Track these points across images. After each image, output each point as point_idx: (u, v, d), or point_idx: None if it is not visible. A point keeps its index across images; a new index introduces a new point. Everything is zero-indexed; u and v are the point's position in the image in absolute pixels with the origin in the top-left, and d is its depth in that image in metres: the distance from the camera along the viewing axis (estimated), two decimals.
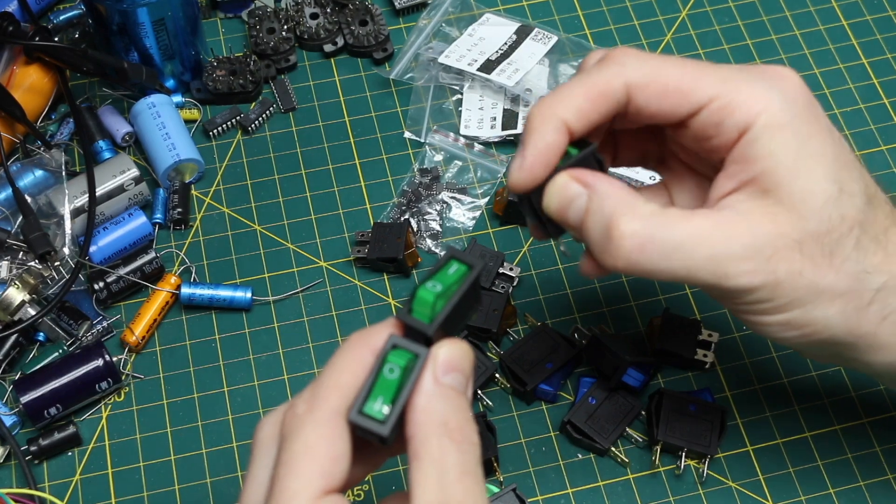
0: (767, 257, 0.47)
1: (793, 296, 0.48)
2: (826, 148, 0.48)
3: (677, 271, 0.48)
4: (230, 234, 0.73)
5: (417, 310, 0.43)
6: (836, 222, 0.48)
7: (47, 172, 0.72)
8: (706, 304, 0.70)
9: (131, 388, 0.67)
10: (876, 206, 0.49)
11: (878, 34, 0.82)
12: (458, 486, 0.40)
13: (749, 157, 0.48)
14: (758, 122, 0.48)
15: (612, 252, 0.48)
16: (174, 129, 0.74)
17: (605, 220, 0.48)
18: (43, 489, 0.64)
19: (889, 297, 0.49)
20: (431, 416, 0.41)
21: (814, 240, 0.47)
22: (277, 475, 0.41)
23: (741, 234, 0.47)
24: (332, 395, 0.42)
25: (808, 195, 0.47)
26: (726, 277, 0.48)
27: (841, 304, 0.48)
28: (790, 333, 0.50)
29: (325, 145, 0.77)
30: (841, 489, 0.63)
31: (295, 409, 0.42)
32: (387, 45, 0.80)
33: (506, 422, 0.66)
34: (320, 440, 0.41)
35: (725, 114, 0.48)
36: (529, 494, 0.63)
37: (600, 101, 0.49)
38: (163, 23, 0.72)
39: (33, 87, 0.74)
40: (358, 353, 0.43)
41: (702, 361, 0.66)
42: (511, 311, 0.68)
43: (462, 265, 0.44)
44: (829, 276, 0.48)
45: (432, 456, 0.41)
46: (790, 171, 0.47)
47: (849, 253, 0.48)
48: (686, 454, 0.63)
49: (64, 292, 0.67)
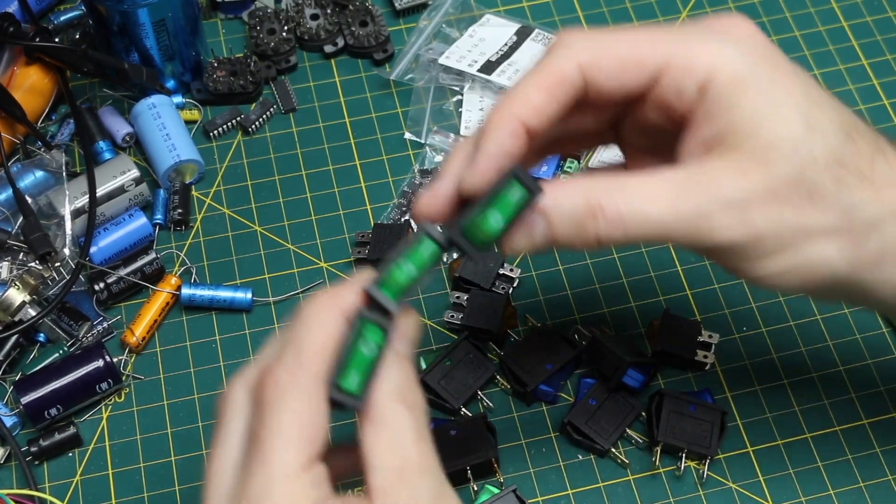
0: (740, 209, 0.46)
1: (779, 241, 0.47)
2: (791, 90, 0.47)
3: (649, 235, 0.47)
4: (230, 234, 0.73)
5: (388, 287, 0.43)
6: (809, 163, 0.46)
7: (48, 173, 0.72)
8: (707, 305, 0.70)
9: (132, 388, 0.67)
10: (856, 139, 0.48)
11: (879, 35, 0.82)
12: (415, 450, 0.41)
13: (711, 115, 0.47)
14: (716, 78, 0.46)
15: (585, 238, 0.47)
16: (174, 130, 0.74)
17: (575, 219, 0.46)
18: (43, 490, 0.64)
19: (886, 228, 0.48)
20: (387, 384, 0.42)
21: (787, 184, 0.46)
22: (261, 443, 0.41)
23: (709, 189, 0.46)
24: (316, 362, 0.42)
25: (776, 142, 0.46)
26: (700, 235, 0.46)
27: (835, 241, 0.47)
28: (791, 280, 0.48)
29: (326, 146, 0.77)
30: (841, 490, 0.63)
31: (276, 376, 0.42)
32: (387, 46, 0.80)
33: (506, 423, 0.66)
34: (307, 409, 0.41)
35: (684, 77, 0.47)
36: (530, 496, 0.63)
37: (556, 90, 0.47)
38: (163, 23, 0.72)
39: (34, 87, 0.74)
40: (331, 318, 0.43)
41: (702, 362, 0.66)
42: (511, 312, 0.68)
43: (435, 245, 0.44)
44: (814, 215, 0.47)
45: (388, 421, 0.42)
46: (753, 121, 0.46)
47: (830, 190, 0.47)
48: (686, 455, 0.63)
49: (64, 293, 0.67)
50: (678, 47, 0.47)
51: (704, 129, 0.47)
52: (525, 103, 0.47)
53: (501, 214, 0.45)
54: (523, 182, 0.45)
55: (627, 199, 0.46)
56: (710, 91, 0.47)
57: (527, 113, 0.47)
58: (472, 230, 0.45)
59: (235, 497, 0.41)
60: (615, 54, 0.48)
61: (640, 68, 0.47)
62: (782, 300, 0.70)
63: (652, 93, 0.48)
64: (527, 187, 0.45)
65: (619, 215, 0.46)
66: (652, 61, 0.47)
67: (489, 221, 0.45)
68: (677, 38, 0.48)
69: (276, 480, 0.40)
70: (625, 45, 0.48)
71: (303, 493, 0.40)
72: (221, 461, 0.42)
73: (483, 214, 0.44)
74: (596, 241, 0.47)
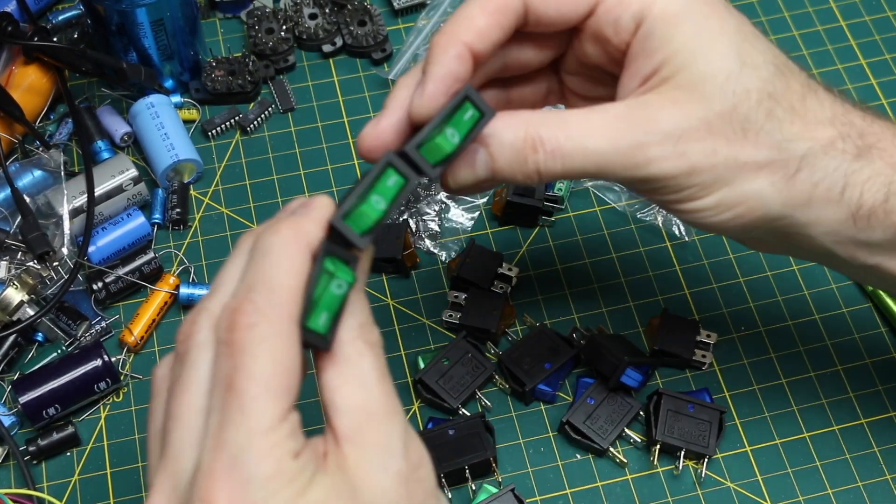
0: (675, 141, 0.47)
1: (714, 175, 0.47)
2: (724, 25, 0.48)
3: (587, 168, 0.47)
4: (229, 234, 0.73)
5: (356, 222, 0.42)
6: (742, 97, 0.47)
7: (46, 172, 0.72)
8: (705, 304, 0.70)
9: (130, 388, 0.67)
10: (788, 76, 0.49)
11: (877, 35, 0.82)
12: (379, 390, 0.41)
13: (647, 49, 0.48)
14: (651, 12, 0.48)
15: (525, 170, 0.48)
16: (173, 130, 0.74)
17: (515, 150, 0.47)
18: (42, 489, 0.64)
19: (817, 163, 0.48)
20: (349, 321, 0.41)
21: (721, 118, 0.47)
22: (238, 391, 0.38)
23: (645, 122, 0.47)
24: (289, 303, 0.40)
25: (709, 75, 0.47)
26: (636, 167, 0.47)
27: (768, 175, 0.48)
28: (725, 215, 0.49)
29: (324, 146, 0.77)
30: (839, 489, 0.63)
31: (248, 317, 0.39)
32: (385, 46, 0.80)
33: (504, 422, 0.66)
34: (286, 352, 0.39)
35: (620, 9, 0.48)
36: (528, 495, 0.63)
37: (499, 15, 0.48)
38: (161, 23, 0.72)
39: (32, 87, 0.74)
40: (298, 254, 0.41)
41: (700, 362, 0.66)
42: (510, 312, 0.68)
43: (400, 178, 0.43)
44: (747, 149, 0.47)
45: (352, 360, 0.41)
46: (688, 55, 0.47)
47: (762, 124, 0.47)
48: (684, 454, 0.63)
49: (63, 292, 0.67)
50: None
51: (641, 63, 0.48)
52: (469, 27, 0.48)
53: (457, 131, 0.45)
54: (475, 103, 0.46)
55: (567, 131, 0.47)
56: (644, 25, 0.48)
57: (471, 36, 0.48)
58: (430, 149, 0.45)
59: (211, 448, 0.38)
60: None
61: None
62: (780, 300, 0.70)
63: (588, 24, 0.49)
64: (478, 108, 0.46)
65: (558, 147, 0.47)
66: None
67: (446, 137, 0.45)
68: None
69: (257, 432, 0.38)
70: None
71: (283, 444, 0.38)
72: (187, 407, 0.40)
73: (440, 131, 0.45)
74: (536, 174, 0.48)
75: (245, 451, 0.38)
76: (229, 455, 0.38)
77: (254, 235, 0.42)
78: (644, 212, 0.73)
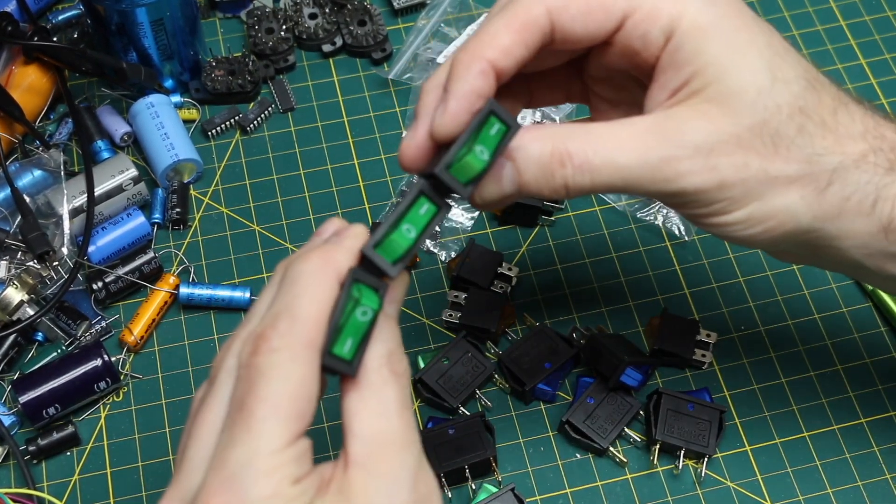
0: (706, 154, 0.46)
1: (744, 188, 0.47)
2: (755, 39, 0.48)
3: (616, 182, 0.47)
4: (229, 234, 0.73)
5: (388, 250, 0.42)
6: (773, 111, 0.47)
7: (46, 172, 0.72)
8: (705, 304, 0.70)
9: (130, 387, 0.67)
10: (819, 90, 0.49)
11: (877, 34, 0.82)
12: (398, 421, 0.41)
13: (677, 62, 0.47)
14: (680, 25, 0.47)
15: (552, 185, 0.47)
16: (173, 129, 0.74)
17: (543, 165, 0.47)
18: (42, 489, 0.64)
19: (848, 176, 0.48)
20: (377, 349, 0.41)
21: (752, 132, 0.47)
22: (247, 411, 0.39)
23: (675, 135, 0.46)
24: (311, 330, 0.40)
25: (740, 89, 0.47)
26: (666, 182, 0.47)
27: (799, 189, 0.48)
28: (755, 229, 0.48)
29: (324, 145, 0.77)
30: (839, 489, 0.63)
31: (270, 342, 0.40)
32: (385, 46, 0.80)
33: (504, 422, 0.66)
34: (302, 380, 0.40)
35: (649, 23, 0.47)
36: (528, 494, 0.63)
37: (524, 33, 0.47)
38: (161, 23, 0.72)
39: (32, 86, 0.74)
40: (326, 282, 0.41)
41: (700, 361, 0.66)
42: (510, 312, 0.68)
43: (433, 206, 0.44)
44: (777, 162, 0.47)
45: (375, 388, 0.41)
46: (718, 68, 0.47)
47: (793, 138, 0.47)
48: (684, 454, 0.63)
49: (62, 292, 0.67)
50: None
51: (670, 76, 0.47)
52: (493, 44, 0.47)
53: (486, 147, 0.44)
54: (501, 117, 0.45)
55: (595, 145, 0.46)
56: (674, 38, 0.47)
57: (495, 54, 0.47)
58: (460, 168, 0.44)
59: (214, 465, 0.39)
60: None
61: (606, 13, 0.48)
62: (780, 300, 0.70)
63: (617, 38, 0.48)
64: (504, 122, 0.45)
65: (587, 161, 0.46)
66: (618, 6, 0.48)
67: (475, 155, 0.44)
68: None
69: (260, 452, 0.38)
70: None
71: (284, 468, 0.39)
72: (206, 426, 0.41)
73: (469, 149, 0.44)
74: (564, 188, 0.47)
75: (245, 470, 0.38)
76: (229, 472, 0.38)
77: (286, 263, 0.43)
78: (644, 212, 0.73)
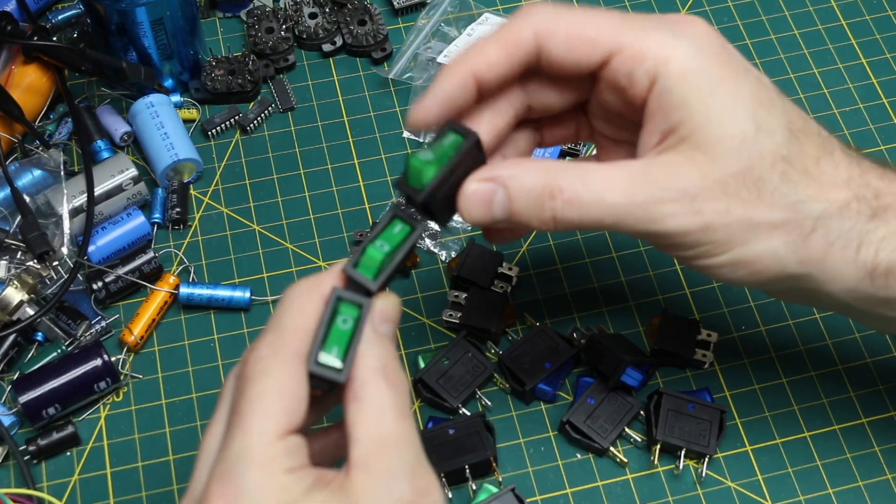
0: (691, 198, 0.48)
1: (728, 233, 0.49)
2: (740, 89, 0.49)
3: (604, 219, 0.49)
4: (229, 233, 0.73)
5: (365, 266, 0.46)
6: (756, 159, 0.48)
7: (46, 172, 0.72)
8: (705, 303, 0.70)
9: (130, 387, 0.67)
10: (802, 140, 0.50)
11: (878, 34, 0.82)
12: (395, 425, 0.43)
13: (664, 107, 0.49)
14: (666, 70, 0.48)
15: (541, 216, 0.49)
16: (173, 129, 0.74)
17: (534, 195, 0.49)
18: (41, 489, 0.64)
19: (831, 224, 0.49)
20: (370, 362, 0.44)
21: (735, 178, 0.48)
22: (240, 413, 0.43)
23: (663, 179, 0.48)
24: (295, 339, 0.44)
25: (724, 138, 0.48)
26: (652, 222, 0.48)
27: (783, 235, 0.49)
28: (742, 273, 0.50)
29: (324, 145, 0.77)
30: (840, 489, 0.63)
31: (258, 352, 0.44)
32: (385, 45, 0.80)
33: (504, 422, 0.66)
34: (287, 380, 0.43)
35: (635, 63, 0.49)
36: (528, 494, 0.63)
37: (510, 49, 0.50)
38: (161, 22, 0.72)
39: (32, 86, 0.74)
40: (310, 300, 0.45)
41: (701, 361, 0.66)
42: (510, 311, 0.68)
43: (406, 225, 0.48)
44: (761, 208, 0.48)
45: (371, 397, 0.44)
46: (703, 116, 0.48)
47: (776, 185, 0.48)
48: (685, 454, 0.63)
49: (62, 292, 0.67)
50: (632, 34, 0.49)
51: (659, 121, 0.49)
52: (478, 57, 0.50)
53: (433, 154, 0.48)
54: (456, 128, 0.48)
55: (586, 182, 0.48)
56: (660, 82, 0.49)
57: (479, 66, 0.50)
58: (411, 174, 0.48)
59: (215, 465, 0.43)
60: (570, 27, 0.50)
61: (592, 46, 0.50)
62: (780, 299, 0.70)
63: (604, 73, 0.50)
64: (459, 131, 0.48)
65: (576, 196, 0.48)
66: (605, 42, 0.50)
67: (419, 157, 0.47)
68: (634, 24, 0.50)
69: (252, 445, 0.42)
70: (581, 20, 0.50)
71: (277, 458, 0.42)
72: (211, 438, 0.45)
73: (415, 155, 0.48)
74: (552, 221, 0.49)
75: (239, 462, 0.42)
76: (226, 466, 0.42)
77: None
78: None
